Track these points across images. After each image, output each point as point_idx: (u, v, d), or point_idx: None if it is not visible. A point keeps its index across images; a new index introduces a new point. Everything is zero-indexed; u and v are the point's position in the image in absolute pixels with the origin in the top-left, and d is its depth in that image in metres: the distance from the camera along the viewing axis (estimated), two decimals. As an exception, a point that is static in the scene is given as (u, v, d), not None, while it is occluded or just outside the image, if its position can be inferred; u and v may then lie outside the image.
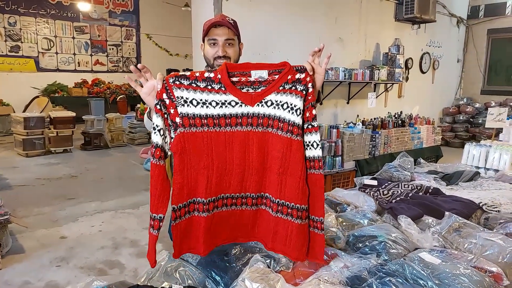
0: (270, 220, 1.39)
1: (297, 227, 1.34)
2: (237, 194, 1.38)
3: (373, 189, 2.53)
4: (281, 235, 1.37)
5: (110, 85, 11.18)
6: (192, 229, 1.37)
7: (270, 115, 1.32)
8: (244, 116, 1.32)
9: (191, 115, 1.28)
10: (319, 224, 1.37)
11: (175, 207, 1.32)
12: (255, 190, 1.39)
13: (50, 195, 4.89)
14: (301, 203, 1.33)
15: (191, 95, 1.28)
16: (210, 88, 1.29)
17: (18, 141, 7.17)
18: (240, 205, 1.40)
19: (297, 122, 1.30)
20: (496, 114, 4.26)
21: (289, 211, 1.34)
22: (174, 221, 1.33)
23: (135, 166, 6.56)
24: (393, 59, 6.56)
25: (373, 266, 1.57)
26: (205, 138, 1.30)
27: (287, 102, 1.31)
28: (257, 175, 1.37)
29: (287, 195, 1.34)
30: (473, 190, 2.69)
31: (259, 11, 5.05)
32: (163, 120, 1.28)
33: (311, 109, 1.33)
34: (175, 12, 11.59)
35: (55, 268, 3.12)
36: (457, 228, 1.95)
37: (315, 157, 1.35)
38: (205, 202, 1.33)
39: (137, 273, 3.03)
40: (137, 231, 3.84)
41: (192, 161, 1.31)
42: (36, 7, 10.28)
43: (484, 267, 1.60)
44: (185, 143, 1.29)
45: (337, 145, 4.92)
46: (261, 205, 1.42)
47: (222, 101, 1.30)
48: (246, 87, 1.32)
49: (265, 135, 1.34)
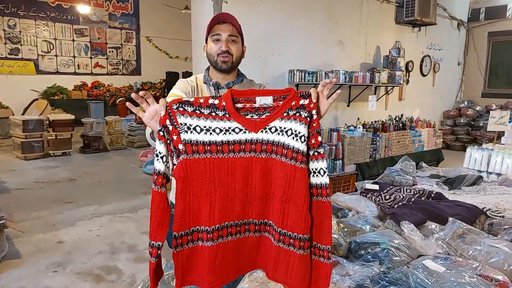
0: (272, 249, 1.35)
1: (299, 257, 1.30)
2: (240, 221, 1.35)
3: (374, 194, 2.49)
4: (283, 266, 1.33)
5: (110, 88, 11.15)
6: (196, 260, 1.34)
7: (274, 142, 1.30)
8: (247, 142, 1.30)
9: (194, 142, 1.26)
10: (325, 253, 1.33)
11: (176, 235, 1.29)
12: (258, 217, 1.36)
13: (48, 199, 4.84)
14: (303, 233, 1.30)
15: (195, 122, 1.27)
16: (214, 115, 1.28)
17: (16, 144, 7.13)
18: (244, 232, 1.36)
19: (301, 149, 1.28)
20: (498, 117, 4.24)
21: (291, 242, 1.31)
22: (175, 248, 1.30)
23: (134, 170, 6.52)
24: (394, 62, 6.53)
25: (376, 274, 1.53)
26: (207, 164, 1.28)
27: (291, 128, 1.29)
28: (260, 202, 1.34)
29: (289, 224, 1.31)
30: (476, 194, 2.66)
31: (259, 13, 5.03)
32: (166, 147, 1.26)
33: (317, 136, 1.31)
34: (175, 14, 11.57)
35: (51, 273, 3.07)
36: (461, 234, 1.91)
37: (322, 185, 1.32)
38: (209, 231, 1.30)
39: (135, 278, 2.98)
40: (136, 236, 3.79)
41: (194, 188, 1.29)
42: (35, 10, 10.26)
43: (490, 275, 1.56)
44: (188, 170, 1.27)
45: (338, 148, 4.89)
46: (264, 232, 1.38)
47: (226, 128, 1.28)
48: (251, 114, 1.31)
49: (269, 161, 1.31)
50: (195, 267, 1.33)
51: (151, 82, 11.90)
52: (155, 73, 11.92)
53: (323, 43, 5.89)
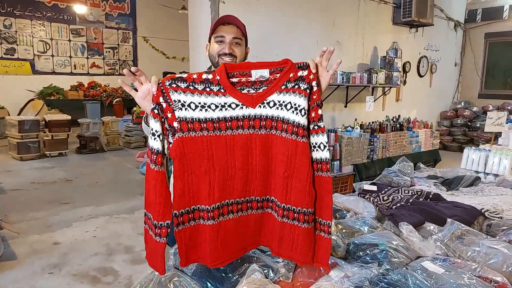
0: (276, 225, 1.34)
1: (303, 231, 1.29)
2: (242, 199, 1.32)
3: (372, 195, 2.48)
4: (288, 240, 1.32)
5: (107, 88, 11.12)
6: (198, 237, 1.32)
7: (273, 117, 1.26)
8: (245, 118, 1.26)
9: (190, 119, 1.22)
10: (326, 227, 1.32)
11: (177, 213, 1.26)
12: (260, 193, 1.34)
13: (44, 200, 4.82)
14: (307, 207, 1.28)
15: (189, 98, 1.22)
16: (209, 90, 1.23)
17: (12, 144, 7.09)
18: (246, 210, 1.34)
19: (302, 123, 1.24)
20: (495, 118, 4.24)
21: (296, 216, 1.29)
22: (177, 227, 1.27)
23: (131, 170, 6.49)
24: (391, 63, 6.53)
25: (374, 275, 1.52)
26: (205, 142, 1.24)
27: (290, 102, 1.25)
28: (261, 179, 1.32)
29: (293, 199, 1.29)
30: (474, 195, 2.65)
31: (256, 14, 5.02)
32: (161, 125, 1.22)
33: (317, 109, 1.27)
34: (172, 15, 11.56)
35: (47, 275, 3.05)
36: (460, 235, 1.90)
37: (322, 159, 1.30)
38: (209, 210, 1.27)
39: (131, 280, 2.96)
40: (132, 237, 3.77)
41: (192, 167, 1.25)
42: (32, 10, 10.22)
43: (489, 277, 1.55)
44: (184, 148, 1.23)
45: (335, 149, 4.88)
46: (267, 208, 1.37)
47: (222, 104, 1.24)
48: (247, 88, 1.27)
49: (269, 137, 1.28)
50: (198, 246, 1.31)
51: (148, 83, 11.86)
52: (152, 73, 11.62)
53: (321, 44, 5.88)
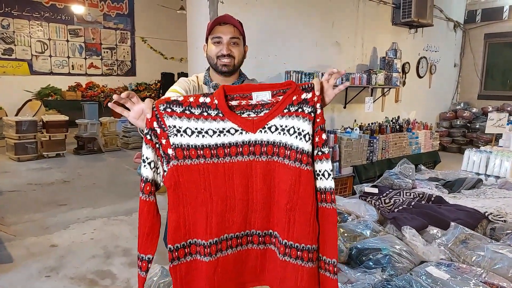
0: (277, 264, 1.23)
1: (308, 272, 1.19)
2: (242, 232, 1.22)
3: (374, 198, 2.45)
4: (290, 282, 1.21)
5: (104, 89, 11.05)
6: (194, 274, 1.22)
7: (275, 142, 1.17)
8: (245, 144, 1.17)
9: (185, 146, 1.14)
10: (331, 267, 1.20)
11: (172, 247, 1.18)
12: (261, 227, 1.23)
13: (41, 201, 4.76)
14: (311, 243, 1.18)
15: (185, 124, 1.14)
16: (206, 115, 1.15)
17: (9, 145, 7.04)
18: (246, 244, 1.23)
19: (306, 149, 1.15)
20: (496, 120, 4.22)
21: (299, 254, 1.18)
22: (171, 262, 1.19)
23: (129, 171, 6.44)
24: (391, 64, 6.50)
25: (378, 281, 1.48)
26: (201, 171, 1.16)
27: (293, 126, 1.16)
28: (262, 211, 1.21)
29: (296, 235, 1.18)
30: (476, 198, 2.62)
31: (255, 14, 4.98)
32: (154, 151, 1.15)
33: (321, 133, 1.18)
34: (170, 15, 11.51)
35: (44, 278, 3.00)
36: (464, 239, 1.87)
37: (326, 189, 1.19)
38: (206, 245, 1.18)
39: (130, 283, 2.92)
40: (130, 239, 3.73)
41: (188, 197, 1.17)
42: (29, 10, 10.14)
43: (495, 283, 1.52)
44: (179, 177, 1.15)
45: (335, 150, 4.85)
46: (269, 244, 1.25)
47: (220, 129, 1.16)
48: (247, 111, 1.18)
49: (270, 165, 1.18)
50: (195, 282, 1.22)
51: (146, 83, 11.81)
52: (150, 74, 11.83)
53: (320, 44, 5.86)
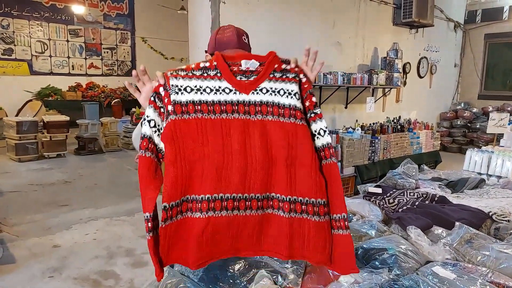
0: (283, 223, 1.22)
1: (314, 225, 1.20)
2: (240, 195, 1.20)
3: (378, 198, 2.45)
4: (298, 238, 1.22)
5: (105, 89, 11.05)
6: (183, 233, 1.19)
7: (268, 102, 1.24)
8: (240, 103, 1.23)
9: (184, 102, 1.20)
10: (342, 222, 1.22)
11: (167, 206, 1.16)
12: (260, 190, 1.22)
13: (43, 202, 4.76)
14: (316, 196, 1.20)
15: (186, 83, 1.22)
16: (206, 75, 1.23)
17: (10, 145, 7.04)
18: (244, 209, 1.21)
19: (298, 106, 1.22)
20: (497, 120, 4.22)
21: (304, 208, 1.21)
22: (164, 222, 1.16)
23: (130, 172, 6.44)
24: (392, 64, 6.51)
25: (385, 281, 1.48)
26: (199, 125, 1.19)
27: (282, 88, 1.24)
28: (262, 171, 1.20)
29: (298, 189, 1.21)
30: (479, 198, 2.62)
31: (256, 14, 4.98)
32: (156, 112, 1.21)
33: (310, 97, 1.26)
34: (170, 15, 11.51)
35: (47, 279, 3.00)
36: (469, 239, 1.87)
37: (324, 145, 1.25)
38: (198, 200, 1.18)
39: (133, 284, 2.92)
40: (133, 240, 3.73)
41: (185, 152, 1.17)
42: (29, 10, 10.14)
43: (501, 282, 1.52)
44: (176, 131, 1.17)
45: (337, 150, 4.85)
46: (267, 208, 1.24)
47: (217, 88, 1.23)
48: (239, 76, 1.25)
49: (266, 123, 1.23)
50: (182, 242, 1.19)
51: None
52: (150, 74, 11.68)
53: (321, 45, 5.85)
